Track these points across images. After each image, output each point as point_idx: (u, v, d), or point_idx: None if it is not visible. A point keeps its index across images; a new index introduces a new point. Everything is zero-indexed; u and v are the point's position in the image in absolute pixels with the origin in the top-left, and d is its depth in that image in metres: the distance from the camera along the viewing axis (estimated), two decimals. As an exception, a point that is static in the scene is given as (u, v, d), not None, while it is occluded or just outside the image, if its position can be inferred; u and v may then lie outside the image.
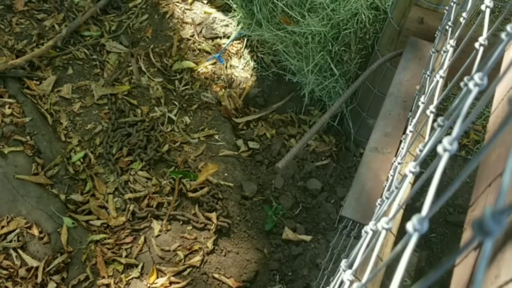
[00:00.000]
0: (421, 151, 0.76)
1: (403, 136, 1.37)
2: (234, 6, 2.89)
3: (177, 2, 3.11)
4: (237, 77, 2.84)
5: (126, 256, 2.18)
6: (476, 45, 0.73)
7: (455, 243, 2.40)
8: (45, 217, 2.23)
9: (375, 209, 1.19)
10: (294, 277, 2.23)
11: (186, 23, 3.02)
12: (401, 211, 1.22)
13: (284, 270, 2.24)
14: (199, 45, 2.94)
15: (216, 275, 2.16)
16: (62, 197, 2.31)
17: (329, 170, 2.55)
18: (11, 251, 2.15)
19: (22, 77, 2.64)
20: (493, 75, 0.45)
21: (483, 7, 0.77)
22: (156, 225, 2.26)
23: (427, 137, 0.91)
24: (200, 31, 3.00)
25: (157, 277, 2.13)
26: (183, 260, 2.18)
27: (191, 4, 3.11)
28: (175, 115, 2.66)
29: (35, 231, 2.19)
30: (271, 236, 2.33)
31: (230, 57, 2.90)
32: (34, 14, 2.95)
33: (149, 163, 2.45)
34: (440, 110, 2.55)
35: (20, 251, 2.15)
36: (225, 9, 3.05)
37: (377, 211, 1.04)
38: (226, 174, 2.46)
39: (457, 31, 0.98)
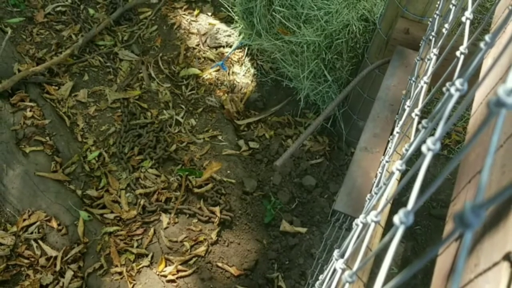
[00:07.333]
0: (407, 150, 0.76)
1: (391, 136, 1.37)
2: (236, 18, 2.89)
3: (184, 14, 3.11)
4: (238, 82, 2.84)
5: (137, 247, 2.18)
6: (457, 53, 0.73)
7: (438, 235, 2.40)
8: (63, 211, 2.23)
9: (365, 203, 1.19)
10: (291, 266, 2.23)
11: (192, 33, 3.02)
12: (389, 205, 1.22)
13: (281, 259, 2.24)
14: (204, 53, 2.93)
15: (220, 264, 2.16)
16: (79, 192, 2.31)
17: (322, 168, 2.55)
18: (32, 242, 2.15)
19: (42, 83, 2.64)
20: (473, 81, 0.45)
21: (463, 18, 0.77)
22: (165, 218, 2.26)
23: (412, 138, 0.91)
24: (205, 41, 2.99)
25: (166, 266, 2.13)
26: (189, 250, 2.18)
27: (196, 16, 3.11)
28: (182, 118, 2.66)
29: (54, 223, 2.19)
30: (269, 228, 2.33)
31: (232, 65, 2.90)
32: (53, 25, 2.95)
33: (158, 161, 2.45)
34: (424, 113, 2.55)
35: (40, 242, 2.15)
36: (228, 20, 3.05)
37: (366, 205, 1.04)
38: (228, 172, 2.46)
39: (439, 40, 0.98)
